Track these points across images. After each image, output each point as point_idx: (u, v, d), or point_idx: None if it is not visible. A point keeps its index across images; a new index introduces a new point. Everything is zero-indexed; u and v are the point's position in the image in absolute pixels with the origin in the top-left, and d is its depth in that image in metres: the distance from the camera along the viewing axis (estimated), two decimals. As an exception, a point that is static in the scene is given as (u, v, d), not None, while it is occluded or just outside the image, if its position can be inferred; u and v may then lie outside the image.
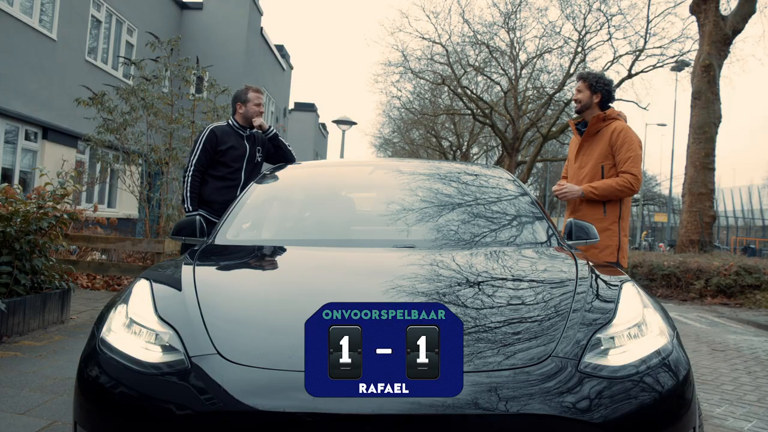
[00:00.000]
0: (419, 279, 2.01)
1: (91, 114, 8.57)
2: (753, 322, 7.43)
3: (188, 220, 2.79)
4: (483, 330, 1.65)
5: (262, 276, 2.26)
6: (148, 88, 8.25)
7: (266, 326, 1.74)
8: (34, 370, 3.55)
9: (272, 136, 4.22)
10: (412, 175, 3.17)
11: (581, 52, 21.78)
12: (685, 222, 13.57)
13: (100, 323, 1.87)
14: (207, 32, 18.75)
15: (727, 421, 3.27)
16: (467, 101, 24.37)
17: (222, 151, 3.96)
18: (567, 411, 1.43)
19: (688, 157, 13.87)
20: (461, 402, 1.40)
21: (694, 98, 13.86)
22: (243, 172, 4.03)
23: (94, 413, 1.63)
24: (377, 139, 40.02)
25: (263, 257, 2.45)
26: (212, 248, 2.51)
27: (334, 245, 2.56)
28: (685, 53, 20.50)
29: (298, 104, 40.26)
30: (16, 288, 4.51)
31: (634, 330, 1.72)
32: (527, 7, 26.42)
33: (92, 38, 14.10)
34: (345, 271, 2.20)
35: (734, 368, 4.66)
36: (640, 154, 3.58)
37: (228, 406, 1.44)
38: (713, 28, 13.91)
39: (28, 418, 2.77)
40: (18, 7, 11.28)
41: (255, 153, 4.11)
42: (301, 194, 3.28)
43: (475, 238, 2.57)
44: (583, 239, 2.78)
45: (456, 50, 23.26)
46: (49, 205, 4.77)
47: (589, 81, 3.68)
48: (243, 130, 4.09)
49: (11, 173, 11.59)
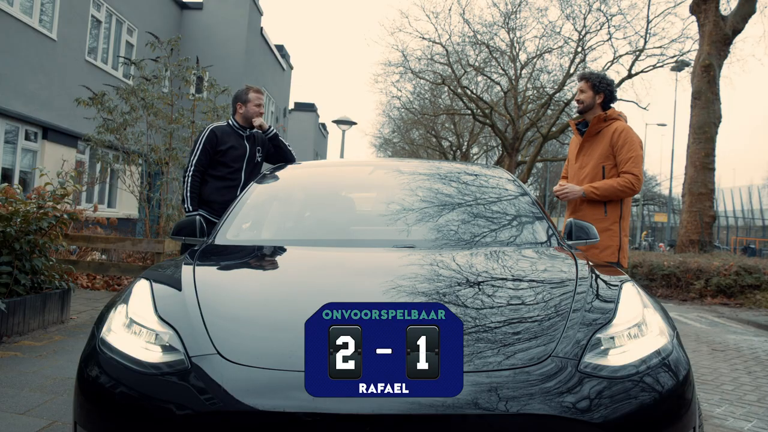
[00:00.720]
0: (419, 279, 2.01)
1: (91, 114, 8.57)
2: (753, 322, 7.43)
3: (188, 220, 2.79)
4: (483, 330, 1.65)
5: (262, 276, 2.26)
6: (148, 88, 8.25)
7: (266, 326, 1.74)
8: (34, 370, 3.55)
9: (272, 136, 4.22)
10: (412, 175, 3.17)
11: (581, 52, 21.79)
12: (685, 222, 13.57)
13: (100, 323, 1.87)
14: (207, 32, 18.75)
15: (727, 421, 3.27)
16: (467, 101, 24.37)
17: (222, 151, 3.96)
18: (567, 411, 1.43)
19: (688, 157, 13.87)
20: (461, 402, 1.40)
21: (694, 98, 13.87)
22: (243, 172, 4.02)
23: (94, 413, 1.63)
24: (377, 139, 40.05)
25: (263, 257, 2.45)
26: (212, 248, 2.51)
27: (334, 245, 2.56)
28: (685, 53, 20.53)
29: (298, 104, 40.27)
30: (16, 288, 4.51)
31: (634, 330, 1.72)
32: (527, 7, 26.46)
33: (92, 38, 14.10)
34: (345, 271, 2.20)
35: (734, 368, 4.66)
36: (641, 155, 3.58)
37: (228, 406, 1.44)
38: (713, 28, 13.91)
39: (28, 418, 2.77)
40: (18, 7, 11.28)
41: (255, 153, 4.11)
42: (301, 194, 3.28)
43: (475, 238, 2.57)
44: (583, 239, 2.78)
45: (456, 50, 23.27)
46: (49, 205, 4.77)
47: (592, 81, 3.67)
48: (243, 130, 4.09)
49: (11, 173, 11.59)
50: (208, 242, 2.63)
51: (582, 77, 3.75)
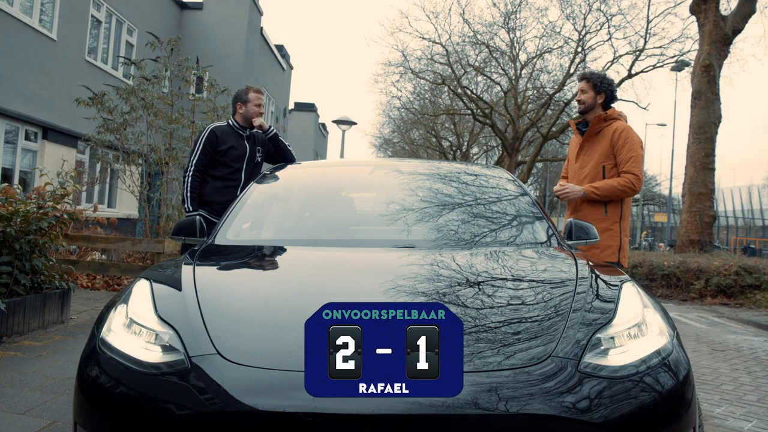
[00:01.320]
0: (419, 279, 2.01)
1: (91, 114, 8.57)
2: (753, 322, 7.42)
3: (188, 220, 2.79)
4: (483, 330, 1.65)
5: (262, 276, 2.26)
6: (148, 88, 8.25)
7: (266, 326, 1.74)
8: (34, 370, 3.55)
9: (272, 136, 4.22)
10: (412, 175, 3.17)
11: (581, 52, 21.79)
12: (685, 222, 13.57)
13: (100, 323, 1.87)
14: (207, 32, 18.75)
15: (727, 421, 3.27)
16: (467, 101, 24.37)
17: (222, 152, 3.95)
18: (567, 411, 1.43)
19: (688, 157, 13.86)
20: (461, 402, 1.40)
21: (694, 98, 13.86)
22: (243, 172, 4.02)
23: (94, 413, 1.63)
24: (377, 139, 40.04)
25: (263, 257, 2.45)
26: (212, 248, 2.51)
27: (334, 245, 2.56)
28: (685, 53, 20.52)
29: (298, 104, 40.27)
30: (16, 288, 4.51)
31: (634, 330, 1.72)
32: (527, 7, 26.48)
33: (92, 38, 14.10)
34: (345, 271, 2.20)
35: (734, 368, 4.66)
36: (641, 155, 3.58)
37: (228, 406, 1.44)
38: (713, 28, 13.90)
39: (28, 418, 2.77)
40: (18, 7, 11.28)
41: (255, 153, 4.10)
42: (301, 194, 3.28)
43: (475, 238, 2.57)
44: (583, 239, 2.78)
45: (456, 50, 23.26)
46: (49, 205, 4.77)
47: (593, 81, 3.67)
48: (243, 130, 4.08)
49: (11, 173, 11.59)
50: (208, 242, 2.63)
51: (583, 77, 3.75)
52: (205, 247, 2.52)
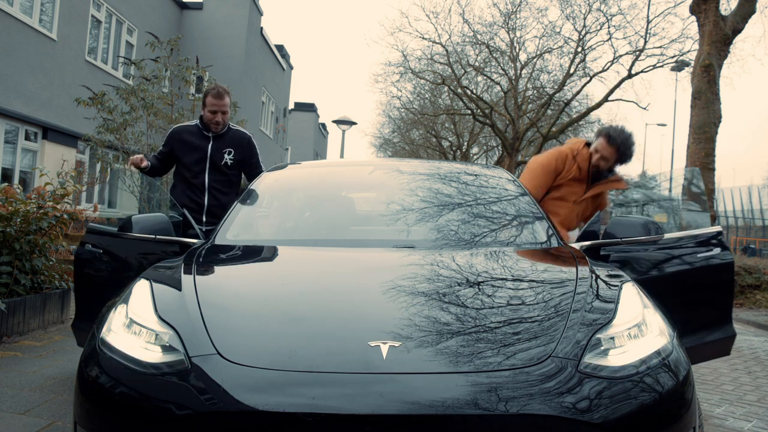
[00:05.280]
0: (419, 279, 2.01)
1: (91, 114, 8.57)
2: (753, 322, 7.42)
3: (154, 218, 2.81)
4: (483, 330, 1.65)
5: (262, 276, 2.26)
6: (148, 88, 8.25)
7: (266, 326, 1.74)
8: (34, 370, 3.55)
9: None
10: (412, 175, 3.17)
11: (581, 52, 21.76)
12: (685, 222, 13.57)
13: (100, 323, 1.87)
14: (207, 32, 18.75)
15: (727, 421, 3.27)
16: (467, 101, 24.35)
17: (183, 152, 3.83)
18: (567, 411, 1.43)
19: (688, 157, 13.85)
20: (461, 402, 1.40)
21: (694, 98, 13.85)
22: (206, 174, 3.81)
23: (94, 413, 1.63)
24: (377, 139, 39.98)
25: (263, 257, 2.45)
26: (212, 248, 2.51)
27: (334, 245, 2.56)
28: (685, 53, 20.45)
29: (298, 104, 40.29)
30: (16, 288, 4.51)
31: (634, 330, 1.72)
32: (527, 7, 26.37)
33: (92, 38, 14.10)
34: (345, 271, 2.20)
35: (734, 368, 4.66)
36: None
37: (228, 406, 1.44)
38: (713, 28, 13.90)
39: (28, 418, 2.77)
40: (18, 7, 11.28)
41: (220, 155, 3.82)
42: (301, 194, 3.28)
43: (475, 238, 2.57)
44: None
45: (456, 50, 23.24)
46: (49, 205, 4.77)
47: (619, 148, 3.52)
48: (207, 131, 3.87)
49: (11, 173, 11.59)
50: (209, 242, 2.63)
51: (609, 139, 3.53)
52: (206, 247, 2.52)
